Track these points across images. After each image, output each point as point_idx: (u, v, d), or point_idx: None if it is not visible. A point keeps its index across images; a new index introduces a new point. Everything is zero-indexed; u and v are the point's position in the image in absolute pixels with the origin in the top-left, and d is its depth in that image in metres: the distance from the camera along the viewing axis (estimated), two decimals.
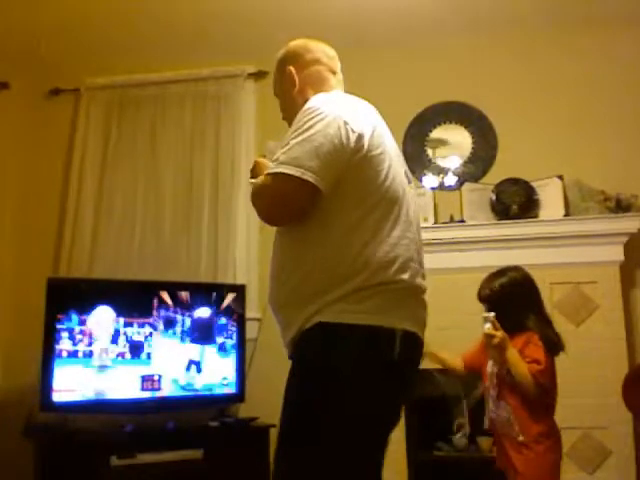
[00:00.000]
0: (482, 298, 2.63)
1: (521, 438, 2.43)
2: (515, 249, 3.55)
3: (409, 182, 1.88)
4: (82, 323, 3.42)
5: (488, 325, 2.43)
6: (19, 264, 4.21)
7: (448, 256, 3.62)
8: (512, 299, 2.57)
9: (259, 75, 4.27)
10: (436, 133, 4.10)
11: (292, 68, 1.94)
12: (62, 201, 4.31)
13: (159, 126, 4.31)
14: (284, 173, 1.61)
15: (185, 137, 4.27)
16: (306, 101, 1.79)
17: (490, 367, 2.60)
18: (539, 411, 2.44)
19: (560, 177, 3.76)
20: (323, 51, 2.00)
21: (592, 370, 3.35)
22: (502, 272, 2.64)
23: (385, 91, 3.97)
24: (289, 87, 1.94)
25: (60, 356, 3.35)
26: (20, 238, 4.27)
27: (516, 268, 2.66)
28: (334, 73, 1.98)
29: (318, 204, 1.66)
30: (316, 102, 1.74)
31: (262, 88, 4.26)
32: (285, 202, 1.67)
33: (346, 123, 1.67)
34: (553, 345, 2.48)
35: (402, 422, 3.60)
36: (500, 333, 2.41)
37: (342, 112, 1.70)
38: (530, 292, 2.61)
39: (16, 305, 4.05)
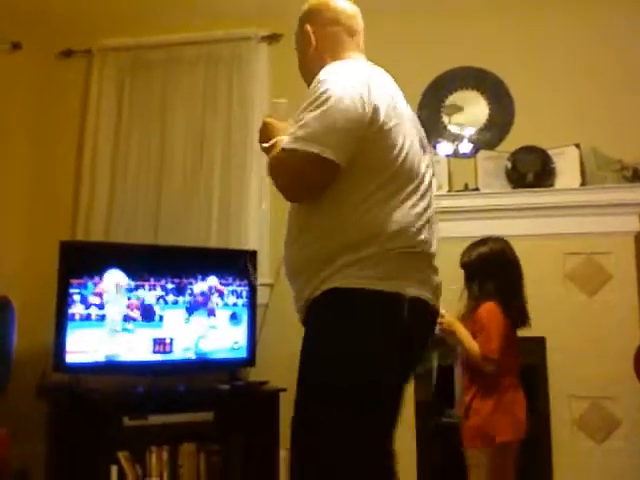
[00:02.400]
0: (461, 265, 2.73)
1: (473, 407, 2.54)
2: (530, 218, 3.52)
3: (425, 151, 1.85)
4: (95, 285, 3.44)
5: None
6: (35, 228, 4.21)
7: (462, 224, 3.59)
8: (487, 269, 2.64)
9: (273, 38, 4.22)
10: (452, 99, 4.04)
11: (309, 27, 1.93)
12: (77, 164, 4.31)
13: (171, 88, 4.28)
14: (303, 150, 1.59)
15: (197, 100, 4.23)
16: (322, 67, 1.77)
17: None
18: (492, 384, 2.53)
19: (577, 145, 3.70)
20: (343, 10, 1.96)
21: (604, 340, 3.34)
22: (483, 241, 2.72)
23: (401, 57, 3.90)
24: (306, 46, 1.94)
25: (73, 318, 3.38)
26: (35, 201, 4.28)
27: (497, 239, 2.72)
28: (352, 35, 1.94)
29: (345, 174, 1.66)
30: (330, 73, 1.71)
31: (275, 51, 4.21)
32: (306, 180, 1.66)
33: (362, 96, 1.64)
34: (511, 319, 2.56)
35: (411, 389, 3.62)
36: (445, 319, 2.53)
37: (357, 84, 1.66)
38: (504, 266, 2.66)
39: (31, 268, 4.07)
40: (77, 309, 3.38)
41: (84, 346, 3.40)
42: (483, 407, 2.51)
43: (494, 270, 2.63)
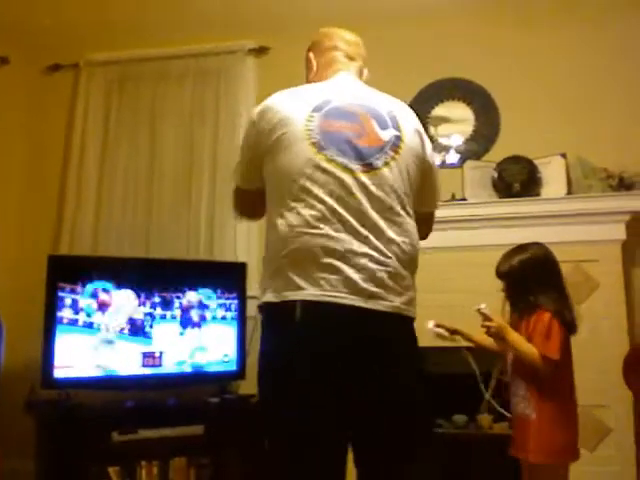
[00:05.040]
0: (500, 274, 2.55)
1: (533, 415, 2.39)
2: (517, 227, 3.53)
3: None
4: (83, 300, 3.42)
5: (481, 318, 2.44)
6: (22, 241, 4.21)
7: (450, 234, 3.61)
8: (531, 277, 2.48)
9: (260, 51, 4.24)
10: (438, 110, 4.07)
11: (311, 54, 2.08)
12: (63, 178, 4.31)
13: (159, 102, 4.29)
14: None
15: (185, 113, 4.25)
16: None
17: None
18: (550, 387, 2.40)
19: (563, 155, 3.73)
20: (343, 38, 2.08)
21: (593, 349, 3.34)
22: (523, 248, 2.55)
23: (387, 68, 3.92)
24: (308, 71, 2.09)
25: (62, 332, 3.36)
26: (23, 214, 4.27)
27: (537, 245, 2.57)
28: (352, 59, 2.05)
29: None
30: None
31: (263, 64, 4.22)
32: (235, 203, 2.06)
33: (253, 123, 1.84)
34: (566, 325, 2.42)
35: None
36: (495, 322, 2.42)
37: (258, 111, 1.85)
38: (550, 270, 2.52)
39: (19, 282, 4.06)
40: (65, 324, 3.37)
41: (72, 361, 3.38)
42: (552, 420, 2.39)
43: (539, 279, 2.48)
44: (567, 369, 2.47)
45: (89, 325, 3.42)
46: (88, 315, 3.42)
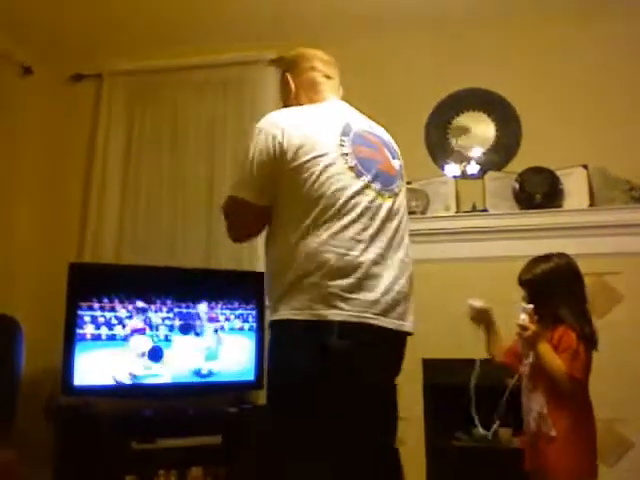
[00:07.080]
0: (522, 282, 2.53)
1: (553, 433, 2.36)
2: (538, 239, 3.51)
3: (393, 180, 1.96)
4: (102, 309, 3.44)
5: (524, 317, 2.40)
6: (44, 248, 4.24)
7: (470, 245, 3.59)
8: (552, 287, 2.47)
9: (280, 61, 4.24)
10: (459, 121, 4.05)
11: (289, 75, 2.14)
12: (85, 188, 4.33)
13: (181, 112, 4.32)
14: (231, 195, 1.90)
15: (207, 123, 4.26)
16: (299, 104, 2.04)
17: (531, 358, 2.48)
18: (571, 405, 2.38)
19: (585, 166, 3.70)
20: (318, 58, 2.16)
21: (615, 361, 3.30)
22: (547, 257, 2.54)
23: (408, 78, 3.94)
24: (286, 92, 2.15)
25: (82, 340, 3.38)
26: (45, 222, 4.30)
27: (561, 255, 2.55)
28: (329, 78, 2.13)
29: (274, 213, 1.88)
30: (261, 121, 1.93)
31: None
32: (232, 219, 1.96)
33: (274, 137, 1.83)
34: (587, 342, 2.39)
35: (421, 412, 3.59)
36: (534, 327, 2.37)
37: (275, 126, 1.86)
38: (572, 282, 2.50)
39: (41, 288, 4.08)
40: (86, 330, 3.39)
41: (92, 369, 3.39)
42: (573, 437, 2.36)
43: (561, 289, 2.46)
44: (586, 387, 2.45)
45: (110, 333, 3.43)
46: (108, 322, 3.44)
